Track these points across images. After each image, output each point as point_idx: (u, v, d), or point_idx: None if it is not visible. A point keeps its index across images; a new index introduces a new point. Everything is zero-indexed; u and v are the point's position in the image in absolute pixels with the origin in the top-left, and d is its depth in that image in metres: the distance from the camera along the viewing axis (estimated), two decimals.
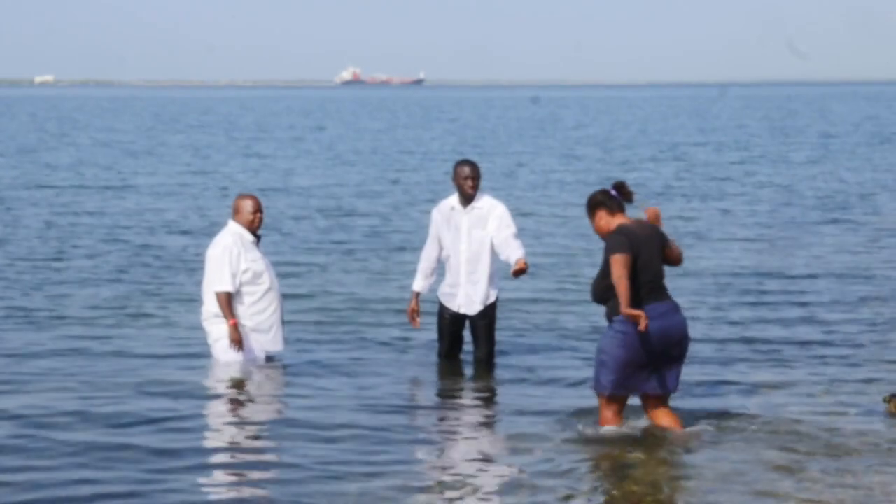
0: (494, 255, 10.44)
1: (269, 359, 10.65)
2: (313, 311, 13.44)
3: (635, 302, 8.32)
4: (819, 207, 24.91)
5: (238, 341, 10.29)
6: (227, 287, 10.29)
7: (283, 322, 10.72)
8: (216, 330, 10.49)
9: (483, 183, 10.61)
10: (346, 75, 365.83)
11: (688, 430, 8.78)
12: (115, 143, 50.87)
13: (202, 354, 10.86)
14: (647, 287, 8.45)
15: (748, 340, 12.03)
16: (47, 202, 25.94)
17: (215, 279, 10.35)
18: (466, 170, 10.45)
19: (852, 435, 8.82)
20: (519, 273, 10.06)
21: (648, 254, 8.46)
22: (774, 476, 7.94)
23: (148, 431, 8.82)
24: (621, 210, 8.63)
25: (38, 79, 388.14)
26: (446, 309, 10.67)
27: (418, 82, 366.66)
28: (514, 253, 10.17)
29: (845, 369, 10.86)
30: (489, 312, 10.60)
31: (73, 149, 46.35)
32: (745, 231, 21.27)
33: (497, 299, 10.61)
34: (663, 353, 8.50)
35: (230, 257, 10.30)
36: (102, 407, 9.43)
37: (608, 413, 8.72)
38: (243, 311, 10.41)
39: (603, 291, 8.56)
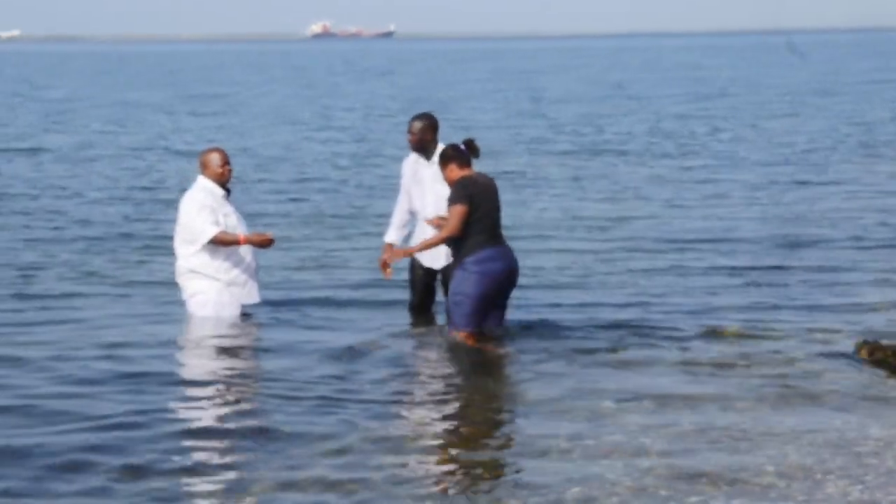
0: None
1: (245, 312, 10.68)
2: (283, 267, 13.42)
3: (476, 246, 9.47)
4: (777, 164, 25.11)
5: (265, 240, 10.35)
6: (216, 230, 10.24)
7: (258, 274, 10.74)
8: (191, 285, 10.48)
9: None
10: (317, 28, 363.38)
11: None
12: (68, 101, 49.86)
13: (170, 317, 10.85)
14: (488, 233, 9.52)
15: (714, 291, 12.13)
16: None
17: (199, 232, 10.26)
18: (417, 125, 10.47)
19: (825, 381, 8.94)
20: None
21: (489, 203, 9.52)
22: (745, 419, 8.04)
23: (121, 399, 8.56)
24: (469, 164, 9.70)
25: (3, 34, 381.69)
26: (418, 262, 10.68)
27: (388, 35, 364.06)
28: None
29: (817, 315, 10.99)
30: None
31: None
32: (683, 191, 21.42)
33: None
34: (504, 290, 9.66)
35: (209, 211, 10.26)
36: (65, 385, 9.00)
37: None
38: (218, 265, 10.39)
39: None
